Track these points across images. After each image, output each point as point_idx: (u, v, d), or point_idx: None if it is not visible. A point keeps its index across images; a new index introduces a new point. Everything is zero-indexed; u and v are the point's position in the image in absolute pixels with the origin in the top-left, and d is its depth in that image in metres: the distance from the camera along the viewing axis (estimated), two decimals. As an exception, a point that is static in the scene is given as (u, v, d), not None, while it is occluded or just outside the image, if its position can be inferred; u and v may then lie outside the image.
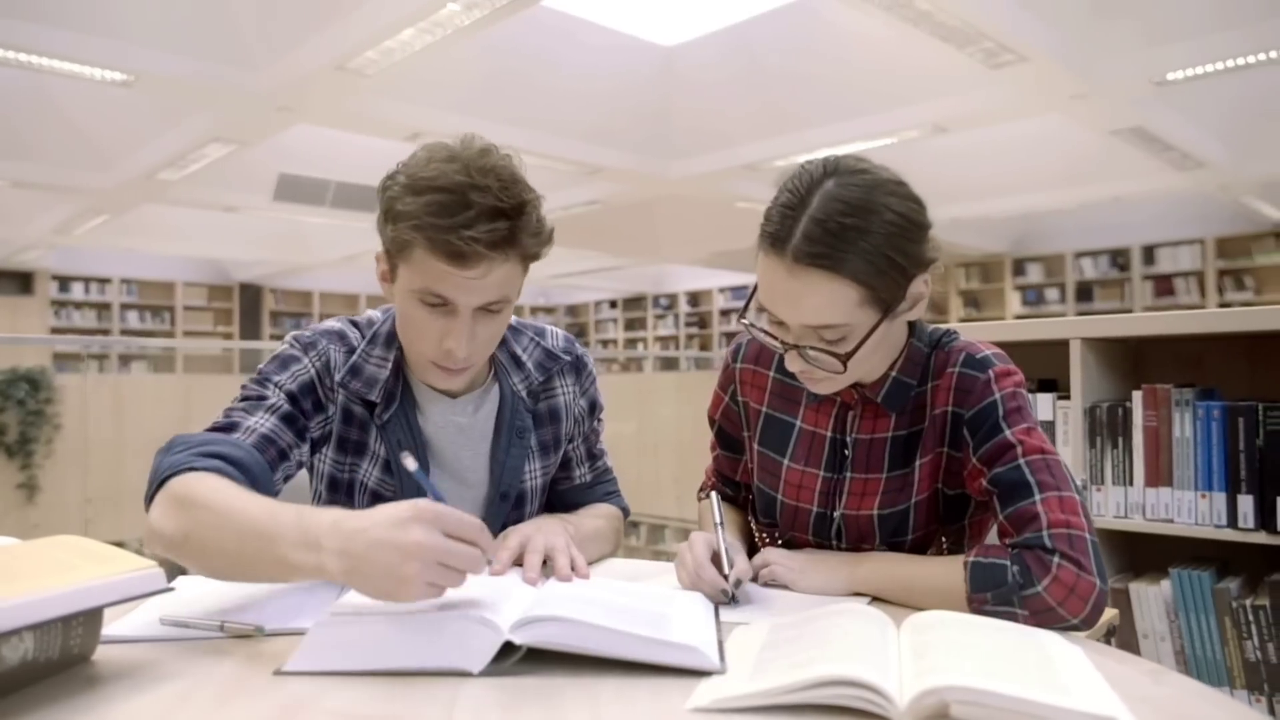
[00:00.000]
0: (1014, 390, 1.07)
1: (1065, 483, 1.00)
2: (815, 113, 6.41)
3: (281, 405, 1.13)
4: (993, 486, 1.03)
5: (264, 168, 7.72)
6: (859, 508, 1.15)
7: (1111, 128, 6.09)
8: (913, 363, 1.12)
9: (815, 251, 0.98)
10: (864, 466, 1.15)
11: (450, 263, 1.05)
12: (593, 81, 6.20)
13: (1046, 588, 0.93)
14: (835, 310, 1.00)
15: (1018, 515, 0.99)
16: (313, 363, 1.18)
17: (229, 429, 1.09)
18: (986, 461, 1.04)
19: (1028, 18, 4.59)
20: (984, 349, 1.11)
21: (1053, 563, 0.94)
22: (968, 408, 1.07)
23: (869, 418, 1.15)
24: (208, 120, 6.06)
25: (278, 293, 13.75)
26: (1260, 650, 1.59)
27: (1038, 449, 1.02)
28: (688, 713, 0.70)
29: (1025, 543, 0.97)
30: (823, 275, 0.98)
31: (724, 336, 14.04)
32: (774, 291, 1.03)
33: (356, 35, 4.54)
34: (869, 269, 0.98)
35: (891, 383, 1.12)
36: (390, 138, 6.19)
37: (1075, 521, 0.97)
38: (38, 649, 0.76)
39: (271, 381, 1.15)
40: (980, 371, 1.08)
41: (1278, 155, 7.01)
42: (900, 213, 1.00)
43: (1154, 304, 9.89)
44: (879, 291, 1.00)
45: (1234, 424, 1.62)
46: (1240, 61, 4.84)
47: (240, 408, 1.13)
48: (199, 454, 1.00)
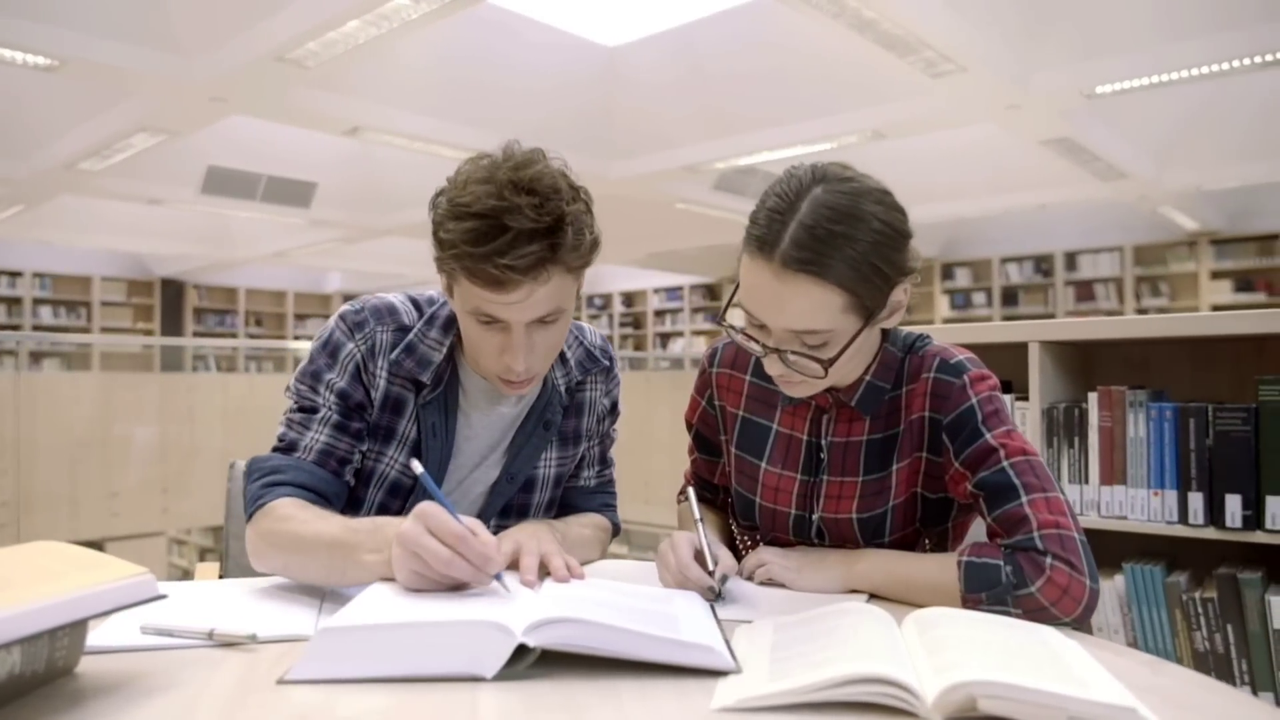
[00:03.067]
0: (990, 394, 1.09)
1: (1050, 483, 1.03)
2: (757, 116, 6.48)
3: (333, 415, 1.18)
4: (979, 490, 1.05)
5: (192, 159, 7.47)
6: (836, 510, 1.16)
7: (1042, 138, 6.30)
8: (886, 367, 1.13)
9: (803, 257, 0.98)
10: (840, 470, 1.16)
11: (491, 289, 1.06)
12: (535, 80, 6.15)
13: (1040, 588, 0.95)
14: (820, 316, 1.00)
15: (1006, 517, 1.01)
16: (359, 346, 1.19)
17: (290, 449, 1.18)
18: (970, 466, 1.06)
19: (969, 29, 4.71)
20: (957, 354, 1.12)
21: (1046, 564, 0.96)
22: (945, 413, 1.09)
23: (844, 421, 1.16)
24: (135, 109, 5.82)
25: (201, 289, 13.34)
26: (1208, 641, 1.66)
27: (1020, 451, 1.04)
28: (714, 713, 0.70)
29: (1018, 544, 0.99)
30: (809, 281, 0.99)
31: (658, 337, 14.09)
32: (759, 295, 1.03)
33: (299, 26, 4.41)
34: (854, 276, 0.99)
35: (865, 387, 1.13)
36: (329, 132, 6.06)
37: (1064, 522, 0.99)
38: (25, 662, 0.72)
39: (322, 382, 1.19)
40: (955, 376, 1.09)
41: (1194, 168, 7.35)
42: (886, 221, 1.01)
43: (1075, 309, 10.26)
44: (863, 298, 1.01)
45: (1185, 424, 1.69)
46: (1166, 77, 5.05)
47: (297, 420, 1.19)
48: (268, 484, 1.13)
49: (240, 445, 6.81)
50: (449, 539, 0.90)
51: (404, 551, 0.92)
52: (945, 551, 1.17)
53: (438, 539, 0.90)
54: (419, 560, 0.91)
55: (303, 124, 6.22)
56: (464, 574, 0.90)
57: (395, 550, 0.93)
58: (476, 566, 0.90)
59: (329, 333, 1.21)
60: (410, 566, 0.92)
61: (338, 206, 8.71)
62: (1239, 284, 9.28)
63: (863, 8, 4.16)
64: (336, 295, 14.64)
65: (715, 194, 8.25)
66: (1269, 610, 1.60)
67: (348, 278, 14.06)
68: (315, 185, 8.29)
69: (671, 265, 12.43)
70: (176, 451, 6.69)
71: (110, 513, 6.24)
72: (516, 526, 1.17)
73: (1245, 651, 1.63)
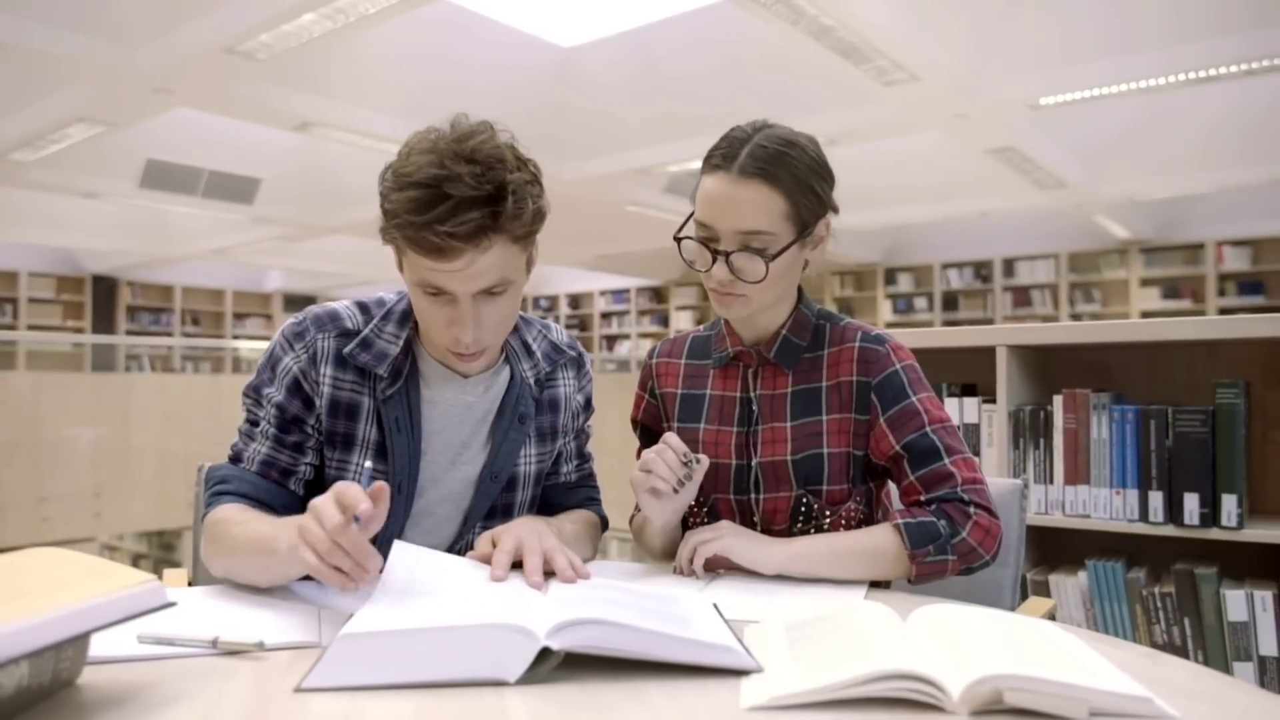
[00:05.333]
0: (911, 363, 1.26)
1: (964, 445, 1.23)
2: (710, 120, 6.43)
3: (271, 429, 1.20)
4: (904, 451, 1.20)
5: (131, 152, 7.22)
6: (773, 454, 1.27)
7: (986, 147, 6.46)
8: (800, 326, 1.29)
9: (758, 166, 1.17)
10: (770, 418, 1.29)
11: (432, 258, 1.07)
12: (489, 78, 6.10)
13: (969, 532, 1.15)
14: (768, 216, 1.18)
15: (932, 475, 1.19)
16: (299, 357, 1.20)
17: (237, 459, 1.22)
18: (894, 426, 1.21)
19: (922, 38, 4.82)
20: (874, 329, 1.29)
21: (971, 511, 1.16)
22: (873, 376, 1.24)
23: (769, 377, 1.30)
24: (73, 98, 5.62)
25: (135, 286, 12.92)
26: (1167, 634, 1.73)
27: (939, 419, 1.22)
28: (745, 711, 0.70)
29: (943, 497, 1.17)
30: (762, 183, 1.17)
31: (604, 339, 14.10)
32: (717, 202, 1.20)
33: (252, 17, 4.30)
34: (797, 187, 1.19)
35: (782, 340, 1.28)
36: (278, 127, 5.92)
37: (979, 478, 1.19)
38: (32, 674, 0.70)
39: (263, 395, 1.21)
40: (879, 345, 1.26)
41: (1127, 178, 7.62)
42: (817, 156, 1.23)
43: (1012, 314, 10.54)
44: (801, 211, 1.20)
45: (1146, 426, 1.75)
46: (1105, 91, 5.23)
47: (244, 431, 1.23)
48: (215, 493, 1.18)
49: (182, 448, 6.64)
50: (345, 500, 0.91)
51: (301, 529, 0.93)
52: (870, 514, 1.31)
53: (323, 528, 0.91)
54: (304, 544, 0.92)
55: (251, 118, 6.07)
56: (344, 563, 0.91)
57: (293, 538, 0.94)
58: (356, 561, 0.90)
59: (272, 347, 1.23)
60: (303, 557, 0.92)
61: (282, 203, 8.52)
62: (1166, 291, 9.63)
63: (821, 15, 4.23)
64: (277, 294, 14.32)
65: (666, 197, 8.28)
66: (1224, 604, 1.67)
67: (289, 276, 13.76)
68: (259, 181, 8.10)
69: (619, 268, 12.44)
70: (111, 454, 6.48)
71: (39, 518, 6.02)
72: (515, 522, 1.16)
73: (1201, 643, 1.69)
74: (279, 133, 6.57)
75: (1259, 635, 1.64)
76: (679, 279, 13.11)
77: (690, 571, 1.17)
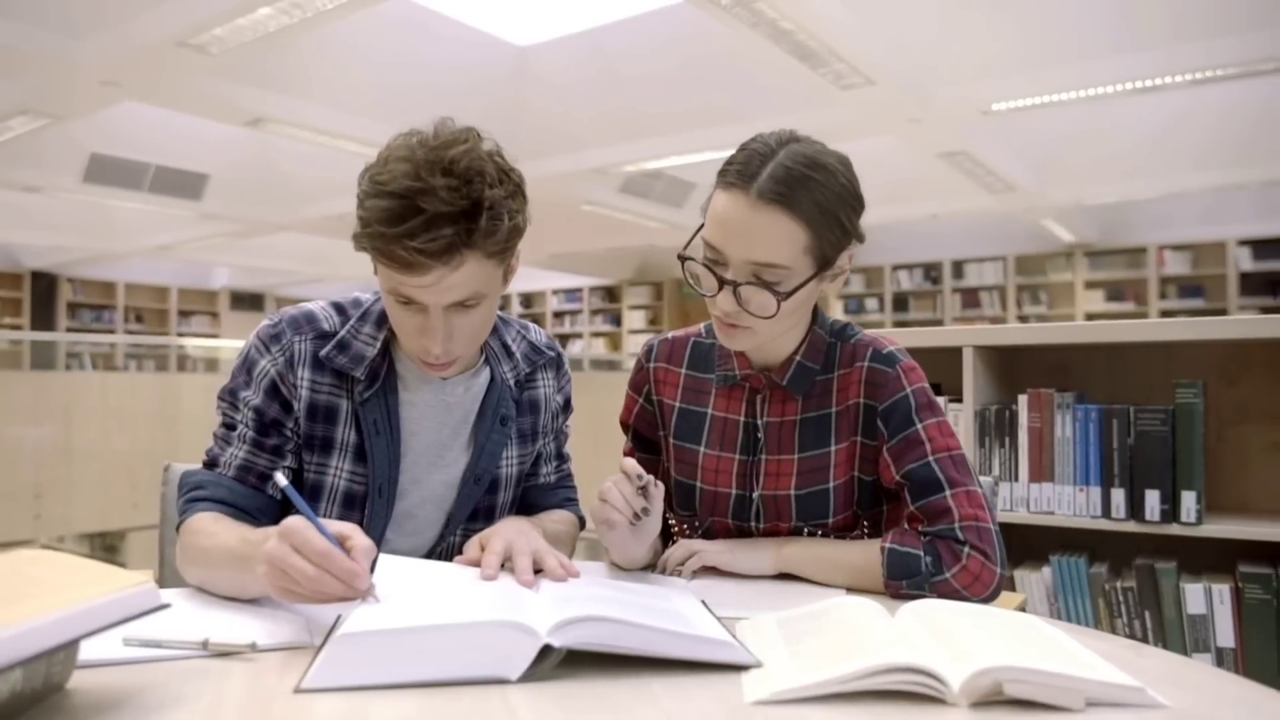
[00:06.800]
0: (922, 386, 1.17)
1: (970, 478, 1.13)
2: (667, 121, 6.54)
3: (249, 432, 1.17)
4: (905, 480, 1.13)
5: (75, 146, 7.01)
6: (776, 488, 1.20)
7: (938, 151, 6.58)
8: (815, 349, 1.20)
9: (779, 190, 1.05)
10: (776, 448, 1.21)
11: (401, 271, 1.05)
12: (444, 76, 6.05)
13: (954, 575, 1.06)
14: (784, 248, 1.06)
15: (930, 508, 1.11)
16: (275, 360, 1.17)
17: (213, 464, 1.19)
18: (896, 455, 1.14)
19: (879, 44, 4.89)
20: (888, 344, 1.20)
21: (963, 552, 1.07)
22: (880, 400, 1.16)
23: (777, 402, 1.21)
24: (16, 90, 5.43)
25: (77, 282, 12.55)
26: (1129, 627, 1.78)
27: (945, 447, 1.13)
28: (751, 706, 0.71)
29: (939, 533, 1.09)
30: (781, 212, 1.05)
31: (557, 339, 14.02)
32: (730, 225, 1.07)
33: (207, 10, 4.20)
34: (820, 218, 1.07)
35: (795, 367, 1.19)
36: (230, 122, 5.80)
37: (982, 515, 1.10)
38: (26, 679, 0.68)
39: (240, 399, 1.18)
40: (889, 366, 1.17)
41: (1073, 183, 7.83)
42: (849, 180, 1.11)
43: (961, 315, 10.74)
44: (822, 244, 1.08)
45: (1109, 425, 1.80)
46: (1056, 97, 5.36)
47: (219, 435, 1.20)
48: (190, 500, 1.15)
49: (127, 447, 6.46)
50: (314, 557, 0.86)
51: (271, 569, 0.87)
52: (880, 536, 1.24)
53: (303, 556, 0.86)
54: (287, 578, 0.87)
55: (203, 113, 5.94)
56: (335, 590, 0.87)
57: (262, 569, 0.88)
58: (344, 582, 0.86)
59: (247, 349, 1.20)
60: (279, 584, 0.88)
61: (231, 199, 8.34)
62: (1110, 293, 9.90)
63: (779, 18, 4.27)
64: (224, 291, 14.01)
65: (621, 197, 8.28)
66: (1183, 597, 1.72)
67: (237, 273, 13.48)
68: (208, 177, 7.92)
69: (572, 267, 12.41)
70: (51, 454, 6.29)
71: (-25, 518, 5.82)
72: (501, 525, 1.15)
73: (1162, 636, 1.75)
74: (229, 128, 6.44)
75: (1216, 627, 1.69)
76: (632, 278, 13.12)
77: (676, 571, 1.17)
